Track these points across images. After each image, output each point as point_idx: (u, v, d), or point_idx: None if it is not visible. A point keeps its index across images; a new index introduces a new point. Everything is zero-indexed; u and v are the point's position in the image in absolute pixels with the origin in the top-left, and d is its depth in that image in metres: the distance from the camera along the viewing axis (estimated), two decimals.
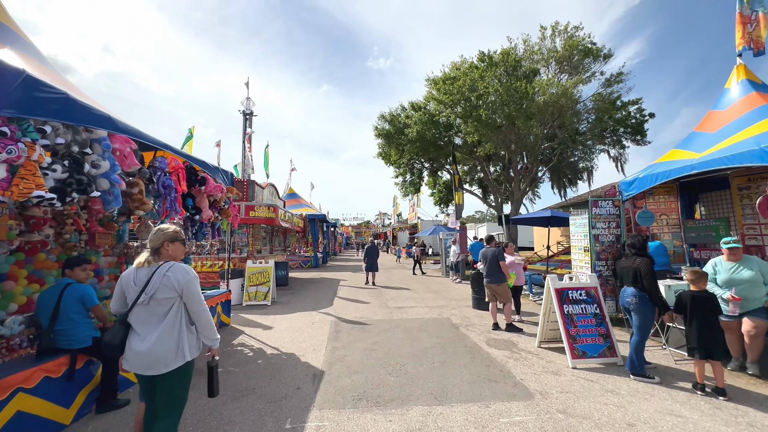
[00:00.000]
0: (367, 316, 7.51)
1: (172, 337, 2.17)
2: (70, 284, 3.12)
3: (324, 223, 25.50)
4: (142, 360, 2.11)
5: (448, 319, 7.06)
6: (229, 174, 6.80)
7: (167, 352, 2.13)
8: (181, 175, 4.60)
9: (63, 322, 3.04)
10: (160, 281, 2.15)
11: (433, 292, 10.86)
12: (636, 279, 4.01)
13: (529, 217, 8.58)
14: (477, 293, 8.13)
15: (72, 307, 3.06)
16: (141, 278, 2.19)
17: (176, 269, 2.21)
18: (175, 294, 2.18)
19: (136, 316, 2.18)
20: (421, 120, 13.49)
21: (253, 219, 10.63)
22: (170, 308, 2.19)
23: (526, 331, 6.06)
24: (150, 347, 2.11)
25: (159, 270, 2.19)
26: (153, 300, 2.15)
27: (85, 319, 3.14)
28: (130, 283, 2.20)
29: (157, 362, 2.11)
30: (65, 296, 3.06)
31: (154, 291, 2.14)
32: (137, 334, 2.17)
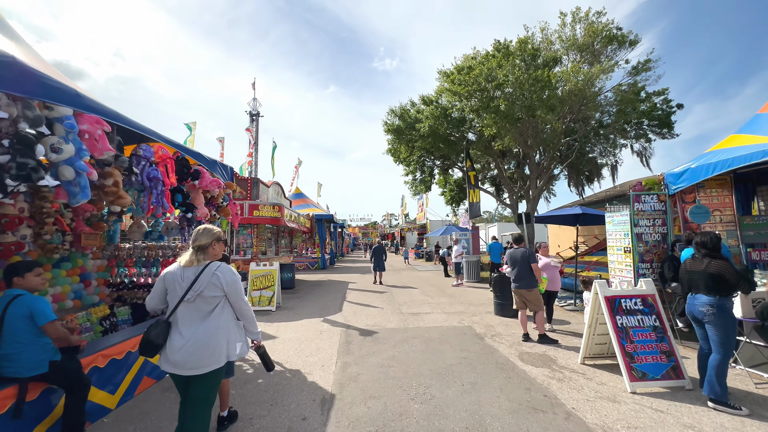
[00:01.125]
0: (379, 323, 6.85)
1: (218, 335, 2.18)
2: (18, 296, 2.51)
3: (331, 224, 24.93)
4: (185, 360, 2.08)
5: (470, 328, 6.37)
6: (229, 168, 6.21)
7: (214, 351, 2.14)
8: (170, 167, 4.01)
9: (8, 345, 2.43)
10: (209, 279, 2.17)
11: (448, 296, 10.15)
12: (714, 285, 3.29)
13: (555, 214, 7.87)
14: (500, 298, 7.41)
15: (19, 326, 2.45)
16: (188, 276, 2.19)
17: (224, 269, 2.25)
18: (222, 293, 2.21)
19: (181, 313, 2.17)
20: (433, 114, 12.78)
21: (258, 219, 10.05)
22: (215, 306, 2.20)
23: (563, 344, 5.33)
24: (197, 347, 2.10)
25: (208, 268, 2.21)
26: (200, 297, 2.16)
27: (38, 339, 2.52)
28: (177, 280, 2.19)
29: (203, 361, 2.10)
30: (9, 312, 2.44)
31: (202, 288, 2.16)
32: (180, 333, 2.13)
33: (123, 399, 3.50)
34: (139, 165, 3.67)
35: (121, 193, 3.32)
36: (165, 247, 6.11)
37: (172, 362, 2.11)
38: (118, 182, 3.30)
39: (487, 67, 10.34)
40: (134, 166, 3.62)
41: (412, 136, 14.48)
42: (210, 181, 5.05)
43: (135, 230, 6.09)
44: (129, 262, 6.14)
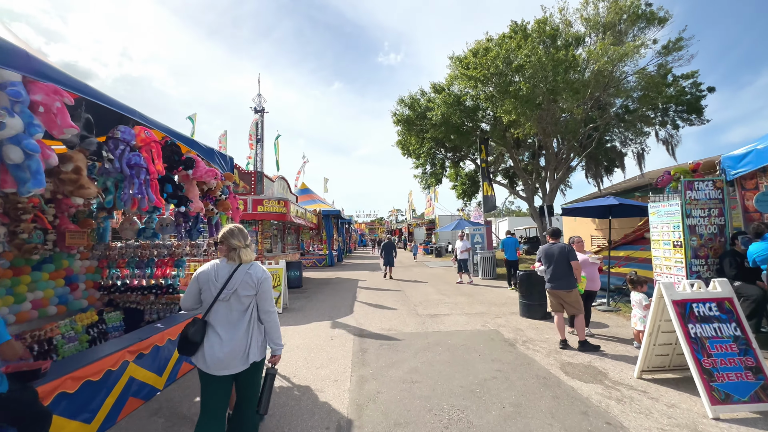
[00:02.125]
0: (395, 327, 6.25)
1: (252, 333, 2.19)
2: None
3: (339, 220, 24.39)
4: (219, 358, 2.07)
5: (497, 332, 5.73)
6: (228, 158, 5.63)
7: (241, 350, 2.13)
8: (156, 153, 3.41)
9: None
10: (242, 278, 2.17)
11: (465, 295, 9.52)
12: None
13: (584, 206, 7.18)
14: (526, 298, 6.76)
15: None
16: (222, 274, 2.18)
17: (256, 267, 2.26)
18: (254, 292, 2.19)
19: (216, 313, 2.17)
20: (446, 102, 12.06)
21: (262, 214, 9.48)
22: (248, 306, 2.20)
23: (607, 351, 4.67)
24: (232, 346, 2.10)
25: (242, 267, 2.21)
26: (234, 296, 2.15)
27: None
28: (211, 280, 2.18)
29: (238, 359, 2.11)
30: None
31: (236, 287, 2.15)
32: (216, 332, 2.13)
33: (102, 428, 2.94)
34: (117, 149, 3.09)
35: (84, 182, 2.73)
36: (160, 246, 5.56)
37: (207, 363, 2.09)
38: (81, 168, 2.71)
39: (505, 49, 9.59)
40: (110, 150, 3.03)
41: (423, 126, 13.76)
42: (206, 171, 4.46)
43: (126, 227, 5.56)
44: (121, 262, 5.61)
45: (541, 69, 8.92)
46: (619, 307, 7.17)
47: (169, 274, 5.63)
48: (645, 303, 4.54)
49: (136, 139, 3.27)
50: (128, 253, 5.55)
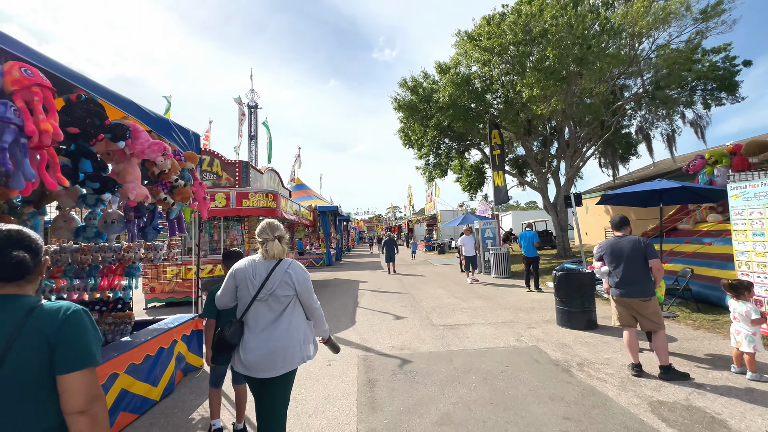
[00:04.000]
0: (409, 344, 5.03)
1: (292, 334, 2.07)
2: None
3: (336, 217, 23.15)
4: (262, 362, 1.99)
5: (538, 351, 4.53)
6: (192, 134, 4.37)
7: (290, 351, 2.03)
8: (43, 102, 2.13)
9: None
10: (281, 278, 2.08)
11: (482, 297, 8.32)
12: None
13: (630, 191, 5.99)
14: (566, 304, 5.56)
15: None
16: (260, 273, 2.08)
17: (296, 267, 2.17)
18: (293, 292, 2.11)
19: (254, 312, 2.06)
20: (454, 81, 10.79)
21: (248, 210, 8.23)
22: (287, 306, 2.10)
23: (701, 381, 3.47)
24: (272, 346, 2.00)
25: (280, 266, 2.11)
26: (272, 296, 2.06)
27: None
28: (248, 278, 2.07)
29: (276, 363, 1.99)
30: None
31: (275, 287, 2.06)
32: (253, 334, 2.03)
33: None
34: None
35: None
36: (105, 249, 4.29)
37: (245, 365, 2.01)
38: None
39: (525, 14, 8.34)
40: None
41: (427, 112, 12.49)
42: (150, 144, 3.20)
43: (60, 226, 4.26)
44: (56, 271, 4.34)
45: (570, 33, 7.67)
46: (676, 313, 5.98)
47: (118, 285, 4.39)
48: (755, 317, 3.35)
49: (2, 79, 2.01)
50: (64, 260, 4.28)
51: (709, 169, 10.46)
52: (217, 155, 9.13)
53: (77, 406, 1.05)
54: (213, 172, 9.07)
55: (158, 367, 3.53)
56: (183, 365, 4.05)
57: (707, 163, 10.59)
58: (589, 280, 5.52)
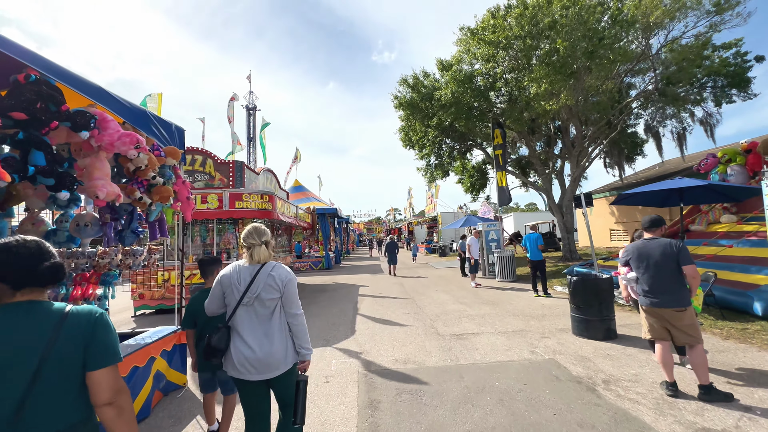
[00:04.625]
0: (414, 357, 4.62)
1: (281, 338, 2.07)
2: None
3: (335, 219, 22.75)
4: (251, 364, 2.00)
5: (556, 364, 4.12)
6: (174, 127, 3.98)
7: (277, 354, 2.03)
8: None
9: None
10: (265, 280, 2.06)
11: (488, 303, 7.91)
12: None
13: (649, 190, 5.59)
14: (583, 312, 5.15)
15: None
16: (245, 278, 2.07)
17: (279, 268, 2.15)
18: (278, 294, 2.08)
19: (240, 317, 2.07)
20: (456, 78, 10.41)
21: (242, 212, 7.82)
22: (274, 309, 2.09)
23: (748, 402, 3.07)
24: (258, 351, 2.00)
25: (264, 269, 2.10)
26: (257, 300, 2.05)
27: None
28: (233, 283, 2.07)
29: (268, 365, 2.02)
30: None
31: (259, 291, 2.05)
32: (242, 338, 2.04)
33: None
34: None
35: None
36: (78, 255, 3.87)
37: (238, 369, 2.01)
38: None
39: (531, 5, 7.96)
40: None
41: (429, 110, 12.11)
42: (120, 136, 2.81)
43: (29, 229, 3.85)
44: None
45: (580, 24, 7.30)
46: (700, 321, 5.57)
47: (92, 294, 3.96)
48: None
49: None
50: None
51: (721, 168, 10.10)
52: (210, 155, 8.73)
53: (106, 398, 1.16)
54: (206, 173, 8.67)
55: (130, 390, 3.11)
56: (162, 384, 3.63)
57: (720, 161, 10.24)
58: (608, 286, 5.12)
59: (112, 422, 1.17)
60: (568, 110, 10.05)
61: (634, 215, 16.62)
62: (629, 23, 7.48)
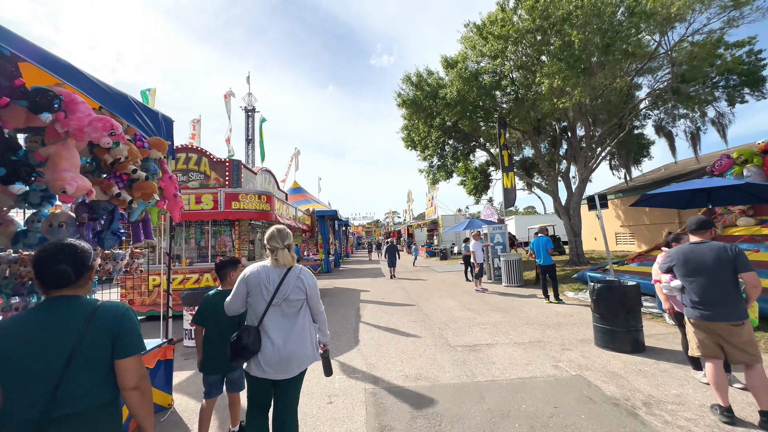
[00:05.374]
0: (425, 372, 4.20)
1: (304, 336, 2.18)
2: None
3: (335, 221, 22.33)
4: (280, 363, 2.07)
5: (585, 381, 3.70)
6: (161, 117, 3.57)
7: (304, 351, 2.15)
8: None
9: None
10: (294, 283, 2.16)
11: (498, 309, 7.50)
12: None
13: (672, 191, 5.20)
14: (606, 322, 4.74)
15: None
16: (274, 279, 2.15)
17: (306, 272, 2.26)
18: (304, 296, 2.20)
19: (270, 318, 2.13)
20: (462, 75, 10.04)
21: (238, 213, 7.39)
22: (299, 309, 2.20)
23: None
24: (289, 349, 2.09)
25: (292, 271, 2.20)
26: (286, 301, 2.14)
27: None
28: (262, 283, 2.14)
29: (292, 364, 2.10)
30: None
31: (288, 292, 2.13)
32: (270, 338, 2.09)
33: None
34: None
35: None
36: None
37: (264, 369, 2.07)
38: None
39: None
40: None
41: (433, 109, 11.73)
42: (91, 120, 2.39)
43: None
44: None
45: (596, 16, 6.94)
46: None
47: None
48: None
49: None
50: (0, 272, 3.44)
51: (737, 169, 9.73)
52: (205, 153, 8.31)
53: (132, 383, 1.33)
54: (200, 172, 8.24)
55: None
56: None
57: (735, 162, 9.88)
58: (635, 294, 4.71)
59: (138, 405, 1.33)
60: (577, 109, 9.70)
61: (640, 218, 16.28)
62: (648, 14, 7.13)
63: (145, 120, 3.28)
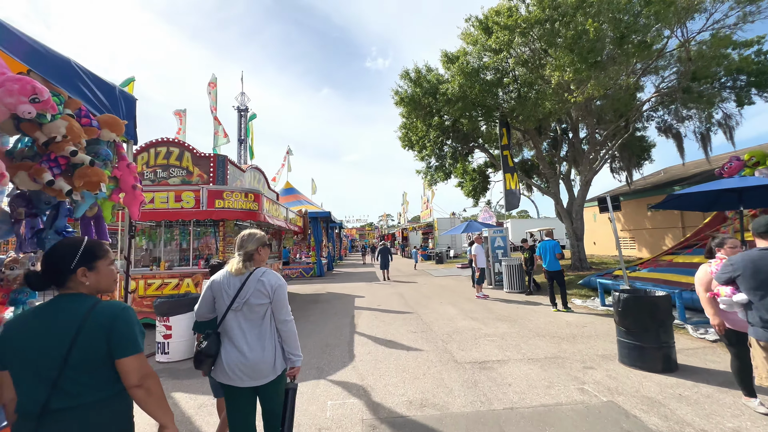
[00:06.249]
0: (432, 395, 3.62)
1: (270, 343, 2.09)
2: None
3: (329, 223, 21.69)
4: (241, 370, 2.01)
5: (620, 410, 3.16)
6: (119, 91, 2.97)
7: (267, 359, 2.05)
8: None
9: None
10: (254, 286, 2.09)
11: (502, 318, 6.97)
12: None
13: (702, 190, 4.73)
14: (635, 337, 4.21)
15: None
16: (234, 283, 2.11)
17: (270, 274, 2.17)
18: (268, 300, 2.10)
19: (229, 323, 2.09)
20: (464, 71, 9.54)
21: (222, 212, 6.75)
22: (264, 314, 2.10)
23: None
24: (249, 356, 2.02)
25: (253, 275, 2.13)
26: (246, 306, 2.07)
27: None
28: (223, 288, 2.11)
29: (257, 371, 2.03)
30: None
31: (248, 296, 2.07)
32: (232, 343, 2.05)
33: None
34: None
35: None
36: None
37: (228, 375, 2.02)
38: None
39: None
40: None
41: (433, 106, 11.22)
42: (3, 81, 1.78)
43: None
44: None
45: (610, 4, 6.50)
46: None
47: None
48: None
49: None
50: None
51: (748, 171, 9.33)
52: (187, 147, 7.66)
53: (134, 382, 1.34)
54: (182, 168, 7.59)
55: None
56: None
57: (745, 164, 9.51)
58: (667, 305, 4.19)
59: (144, 402, 1.36)
60: (584, 108, 9.28)
61: (641, 222, 15.94)
62: (666, 3, 6.72)
63: (95, 93, 2.69)
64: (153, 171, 7.64)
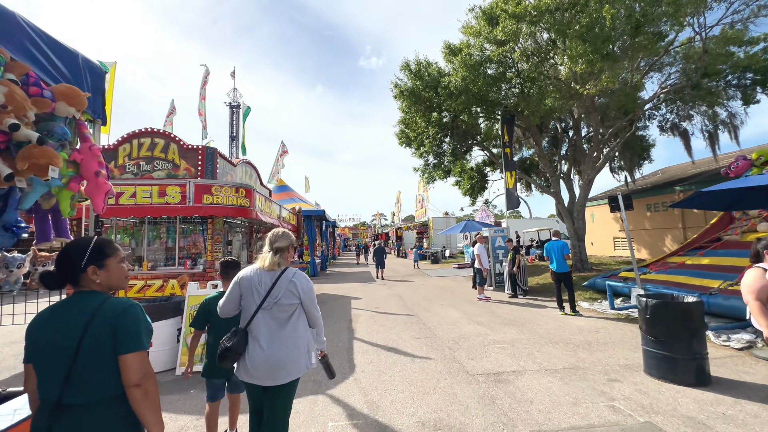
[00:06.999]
0: (445, 414, 3.21)
1: (296, 343, 2.10)
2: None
3: (323, 222, 21.18)
4: (267, 369, 2.02)
5: (658, 431, 2.78)
6: (82, 59, 2.48)
7: (294, 359, 2.07)
8: None
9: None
10: (286, 287, 2.11)
11: (509, 322, 6.60)
12: None
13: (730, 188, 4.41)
14: (665, 347, 3.84)
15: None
16: (266, 282, 2.12)
17: (300, 276, 2.20)
18: (298, 300, 2.14)
19: (258, 322, 2.08)
20: (467, 63, 9.15)
21: (210, 208, 6.25)
22: (292, 314, 2.13)
23: None
24: (277, 355, 2.03)
25: (285, 274, 2.15)
26: (276, 305, 2.09)
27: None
28: (254, 286, 2.11)
29: (281, 370, 2.03)
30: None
31: (279, 296, 2.09)
32: (258, 342, 2.05)
33: None
34: None
35: None
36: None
37: (251, 373, 2.03)
38: None
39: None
40: None
41: (433, 101, 10.81)
42: None
43: None
44: None
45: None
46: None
47: None
48: None
49: None
50: None
51: (756, 171, 9.12)
52: (174, 138, 7.11)
53: (134, 380, 1.31)
54: (168, 160, 7.05)
55: None
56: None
57: (753, 164, 9.29)
58: (700, 312, 3.84)
59: (139, 403, 1.32)
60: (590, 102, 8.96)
61: (641, 223, 15.76)
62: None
63: (50, 59, 2.20)
64: (136, 164, 7.08)
